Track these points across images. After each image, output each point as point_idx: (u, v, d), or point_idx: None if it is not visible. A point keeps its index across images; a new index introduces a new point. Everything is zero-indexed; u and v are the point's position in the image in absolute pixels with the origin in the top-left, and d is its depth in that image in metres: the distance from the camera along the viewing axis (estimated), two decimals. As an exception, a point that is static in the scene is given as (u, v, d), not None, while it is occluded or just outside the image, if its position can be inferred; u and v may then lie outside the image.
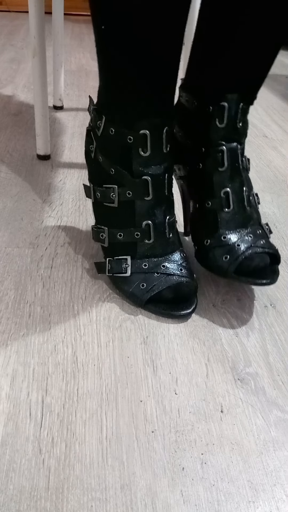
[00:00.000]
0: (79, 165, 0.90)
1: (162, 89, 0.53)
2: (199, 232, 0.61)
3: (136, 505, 0.39)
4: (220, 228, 0.58)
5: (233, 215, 0.58)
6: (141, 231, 0.56)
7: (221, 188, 0.58)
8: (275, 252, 0.58)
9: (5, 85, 1.29)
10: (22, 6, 2.11)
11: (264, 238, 0.59)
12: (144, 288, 0.56)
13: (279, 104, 1.36)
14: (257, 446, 0.44)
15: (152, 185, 0.55)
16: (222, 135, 0.57)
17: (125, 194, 0.56)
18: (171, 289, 0.56)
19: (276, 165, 1.00)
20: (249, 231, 0.58)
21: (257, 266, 0.57)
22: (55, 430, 0.44)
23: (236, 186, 0.58)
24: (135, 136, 0.53)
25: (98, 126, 0.56)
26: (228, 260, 0.56)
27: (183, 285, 0.57)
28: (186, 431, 0.45)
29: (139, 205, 0.56)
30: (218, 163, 0.58)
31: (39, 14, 0.77)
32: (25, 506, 0.38)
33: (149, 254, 0.57)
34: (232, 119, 0.56)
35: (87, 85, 1.35)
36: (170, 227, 0.58)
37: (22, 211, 0.75)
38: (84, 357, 0.51)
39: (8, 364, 0.49)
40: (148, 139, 0.53)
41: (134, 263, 0.57)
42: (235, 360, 0.53)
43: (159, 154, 0.55)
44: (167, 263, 0.57)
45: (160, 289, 0.56)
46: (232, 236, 0.57)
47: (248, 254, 0.56)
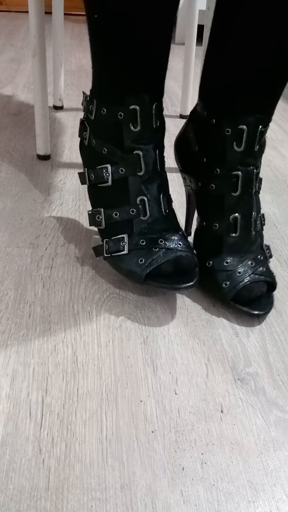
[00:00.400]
0: (79, 165, 0.90)
1: (151, 66, 0.54)
2: (203, 251, 0.61)
3: (136, 505, 0.39)
4: (223, 252, 0.59)
5: (238, 240, 0.58)
6: (136, 207, 0.56)
7: (231, 213, 0.58)
8: (272, 281, 0.59)
9: (5, 85, 1.29)
10: (22, 6, 2.11)
11: (264, 265, 0.59)
12: (143, 263, 0.56)
13: (279, 104, 1.35)
14: (257, 446, 0.44)
15: (144, 159, 0.55)
16: (239, 159, 0.56)
17: (118, 171, 0.56)
18: (170, 262, 0.56)
19: (276, 165, 1.00)
20: (250, 257, 0.59)
21: (254, 295, 0.58)
22: (55, 430, 0.44)
23: (245, 211, 0.58)
24: (125, 111, 0.54)
25: (91, 111, 0.57)
26: (228, 287, 0.57)
27: (183, 258, 0.56)
28: (186, 431, 0.45)
29: (132, 181, 0.56)
30: (231, 188, 0.58)
31: (39, 14, 0.78)
32: (25, 506, 0.38)
33: (146, 231, 0.57)
34: (250, 142, 0.56)
35: (87, 85, 1.35)
36: (166, 203, 0.58)
37: (22, 211, 0.75)
38: (84, 357, 0.51)
39: (8, 364, 0.49)
40: (138, 114, 0.54)
41: (131, 241, 0.57)
42: (235, 360, 0.53)
43: (149, 129, 0.55)
44: (165, 239, 0.56)
45: (160, 263, 0.55)
46: (234, 262, 0.58)
47: (247, 282, 0.57)
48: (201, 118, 0.60)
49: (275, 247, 0.72)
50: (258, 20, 0.50)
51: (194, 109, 0.62)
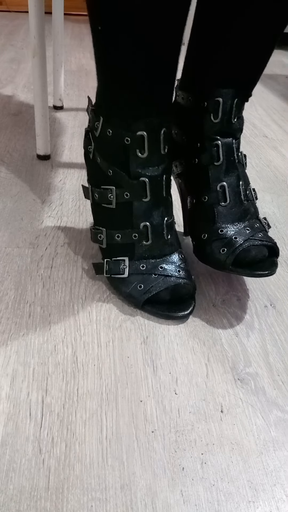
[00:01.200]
0: (79, 165, 0.90)
1: (160, 89, 0.52)
2: (197, 227, 0.61)
3: (136, 505, 0.39)
4: (217, 221, 0.58)
5: (230, 209, 0.58)
6: (138, 232, 0.56)
7: (217, 182, 0.58)
8: (273, 245, 0.58)
9: (5, 85, 1.29)
10: (22, 6, 2.11)
11: (262, 231, 0.58)
12: (142, 289, 0.56)
13: (279, 104, 1.36)
14: (257, 446, 0.44)
15: (150, 187, 0.55)
16: (217, 130, 0.57)
17: (123, 195, 0.56)
18: (168, 290, 0.56)
19: (276, 165, 1.00)
20: (246, 225, 0.58)
21: (254, 258, 0.57)
22: (55, 430, 0.44)
23: (232, 180, 0.58)
24: (132, 137, 0.53)
25: (96, 127, 0.56)
26: (226, 253, 0.56)
27: (181, 287, 0.57)
28: (186, 431, 0.45)
29: (136, 206, 0.56)
30: (214, 158, 0.58)
31: (39, 14, 0.77)
32: (25, 506, 0.38)
33: (146, 255, 0.57)
34: (227, 114, 0.56)
35: (87, 85, 1.35)
36: (168, 228, 0.58)
37: (22, 211, 0.75)
38: (84, 357, 0.51)
39: (8, 364, 0.49)
40: (146, 140, 0.53)
41: (132, 264, 0.57)
42: (235, 360, 0.53)
43: (156, 156, 0.54)
44: (165, 265, 0.57)
45: (158, 291, 0.56)
46: (229, 229, 0.57)
47: (245, 246, 0.56)
48: (181, 105, 0.61)
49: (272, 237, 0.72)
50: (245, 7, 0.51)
51: (174, 100, 0.62)
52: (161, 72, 0.51)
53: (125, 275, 0.57)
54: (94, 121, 0.56)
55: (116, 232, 0.58)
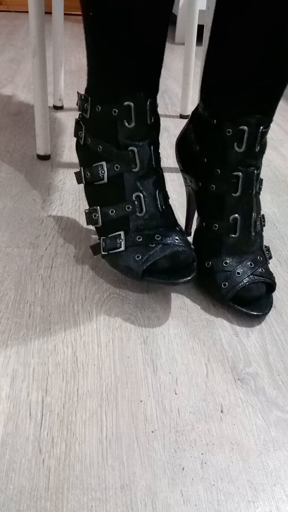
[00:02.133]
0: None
1: (145, 63, 0.54)
2: (202, 251, 0.61)
3: (136, 505, 0.39)
4: (222, 253, 0.59)
5: (238, 241, 0.58)
6: (132, 203, 0.56)
7: (231, 214, 0.58)
8: (272, 282, 0.59)
9: (5, 85, 1.29)
10: (22, 6, 2.11)
11: (264, 266, 0.59)
12: (140, 259, 0.55)
13: (279, 104, 1.36)
14: (257, 446, 0.44)
15: (139, 156, 0.56)
16: (239, 159, 0.56)
17: (113, 168, 0.57)
18: (167, 257, 0.55)
19: (276, 165, 1.00)
20: (250, 258, 0.58)
21: (253, 296, 0.58)
22: (55, 430, 0.44)
23: (245, 212, 0.58)
24: (119, 108, 0.54)
25: (86, 109, 0.58)
26: (227, 288, 0.57)
27: (180, 253, 0.56)
28: (186, 431, 0.45)
29: (127, 177, 0.56)
30: (232, 189, 0.58)
31: (39, 14, 0.77)
32: (25, 506, 0.38)
33: (142, 227, 0.57)
34: (251, 143, 0.55)
35: (87, 85, 1.35)
36: (162, 200, 0.58)
37: (22, 211, 0.75)
38: (84, 357, 0.51)
39: (8, 364, 0.49)
40: (132, 110, 0.54)
41: (128, 238, 0.57)
42: (235, 360, 0.53)
43: (143, 125, 0.55)
44: (162, 235, 0.56)
45: (156, 259, 0.55)
46: (233, 262, 0.58)
47: (246, 284, 0.57)
48: (202, 119, 0.60)
49: (275, 247, 0.72)
50: (259, 21, 0.50)
51: (196, 109, 0.62)
52: (146, 51, 0.53)
53: (121, 248, 0.57)
54: (84, 104, 0.58)
55: (110, 208, 0.58)
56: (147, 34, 0.52)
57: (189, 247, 0.57)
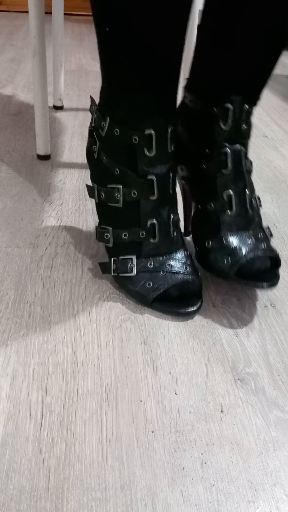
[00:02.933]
0: (79, 165, 0.91)
1: (165, 88, 0.53)
2: (201, 233, 0.61)
3: (136, 505, 0.39)
4: (221, 230, 0.58)
5: (235, 218, 0.58)
6: (146, 230, 0.56)
7: (224, 190, 0.58)
8: (275, 256, 0.59)
9: (5, 85, 1.29)
10: (22, 6, 2.11)
11: (265, 242, 0.59)
12: (150, 287, 0.56)
13: (279, 104, 1.36)
14: (257, 446, 0.44)
15: (158, 185, 0.55)
16: (226, 137, 0.57)
17: (130, 194, 0.56)
18: (176, 287, 0.57)
19: (276, 165, 1.00)
20: (250, 234, 0.58)
21: (258, 269, 0.57)
22: (55, 430, 0.44)
23: (239, 188, 0.58)
24: (140, 136, 0.53)
25: (102, 127, 0.56)
26: (230, 263, 0.57)
27: (189, 283, 0.57)
28: (186, 431, 0.45)
29: (144, 204, 0.56)
30: (222, 165, 0.58)
31: (39, 14, 0.77)
32: (25, 506, 0.38)
33: (154, 253, 0.57)
34: (236, 121, 0.56)
35: (87, 85, 1.35)
36: (174, 226, 0.58)
37: (22, 211, 0.75)
38: (84, 357, 0.51)
39: (8, 364, 0.49)
40: (154, 139, 0.53)
41: (139, 263, 0.57)
42: (235, 360, 0.53)
43: (164, 154, 0.55)
44: (172, 262, 0.57)
45: (166, 288, 0.56)
46: (234, 239, 0.58)
47: (249, 258, 0.56)
48: (189, 108, 0.60)
49: (275, 247, 0.72)
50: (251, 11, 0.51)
51: (181, 104, 0.62)
52: (165, 72, 0.51)
53: (133, 273, 0.57)
54: (100, 121, 0.56)
55: (123, 231, 0.58)
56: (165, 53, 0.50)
57: (197, 275, 0.58)
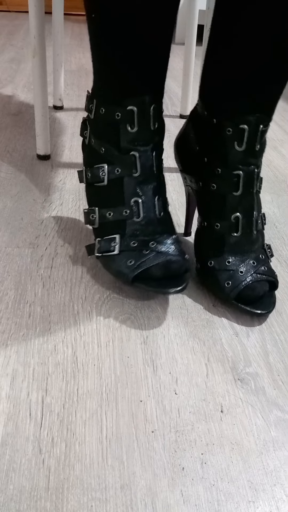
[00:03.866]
0: (79, 165, 0.90)
1: (150, 67, 0.54)
2: (204, 251, 0.61)
3: (136, 505, 0.39)
4: (225, 252, 0.59)
5: (240, 240, 0.58)
6: (129, 208, 0.56)
7: (233, 212, 0.58)
8: (274, 280, 0.59)
9: (5, 85, 1.29)
10: (22, 6, 2.11)
11: (266, 264, 0.59)
12: (132, 264, 0.55)
13: (279, 104, 1.36)
14: (257, 446, 0.44)
15: (140, 161, 0.55)
16: (240, 158, 0.56)
17: (114, 171, 0.56)
18: (159, 266, 0.55)
19: (276, 165, 1.00)
20: (252, 256, 0.59)
21: (257, 295, 0.58)
22: (55, 430, 0.44)
23: (247, 210, 0.58)
24: (122, 112, 0.54)
25: (91, 110, 0.57)
26: (230, 287, 0.57)
27: (172, 262, 0.55)
28: (186, 431, 0.45)
29: (127, 181, 0.56)
30: (233, 187, 0.58)
31: (39, 14, 0.78)
32: (25, 506, 0.38)
33: (138, 232, 0.57)
34: (251, 142, 0.56)
35: (87, 85, 1.35)
36: (160, 207, 0.58)
37: (22, 211, 0.75)
38: (84, 357, 0.51)
39: (8, 364, 0.49)
40: (135, 115, 0.54)
41: (123, 242, 0.57)
42: (235, 360, 0.53)
43: (146, 131, 0.55)
44: (157, 242, 0.56)
45: (149, 266, 0.55)
46: (236, 261, 0.58)
47: (249, 282, 0.57)
48: (202, 118, 0.60)
49: (275, 247, 0.72)
50: (260, 20, 0.50)
51: (194, 108, 0.62)
52: (150, 55, 0.52)
53: (115, 252, 0.57)
54: (89, 104, 0.58)
55: (107, 210, 0.58)
56: (151, 37, 0.51)
57: (183, 257, 0.57)
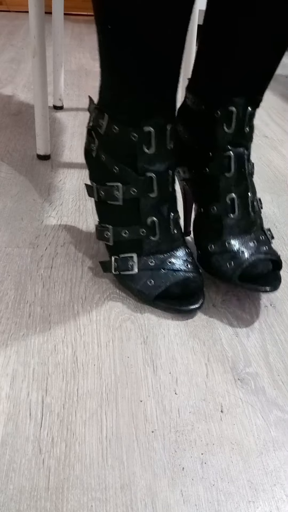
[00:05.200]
0: (79, 165, 0.90)
1: (165, 89, 0.53)
2: (203, 236, 0.61)
3: (136, 505, 0.39)
4: (224, 233, 0.58)
5: (238, 221, 0.58)
6: (146, 228, 0.56)
7: (227, 194, 0.58)
8: (277, 259, 0.59)
9: (5, 85, 1.29)
10: (22, 6, 2.11)
11: (267, 244, 0.59)
12: (152, 285, 0.56)
13: (279, 104, 1.36)
14: (257, 446, 0.44)
15: (157, 182, 0.55)
16: (229, 140, 0.57)
17: (130, 191, 0.56)
18: (178, 284, 0.57)
19: (276, 165, 1.00)
20: (252, 237, 0.58)
21: (260, 273, 0.58)
22: (55, 430, 0.44)
23: (241, 191, 0.58)
24: (139, 133, 0.53)
25: (101, 125, 0.56)
26: (233, 267, 0.57)
27: (190, 280, 0.57)
28: (186, 431, 0.45)
29: (143, 202, 0.56)
30: (225, 168, 0.58)
31: (39, 14, 0.77)
32: (25, 506, 0.38)
33: (154, 251, 0.57)
34: (239, 124, 0.56)
35: (87, 85, 1.35)
36: (174, 223, 0.58)
37: (22, 211, 0.75)
38: (84, 357, 0.51)
39: (8, 364, 0.49)
40: (153, 136, 0.53)
41: (140, 260, 0.57)
42: (235, 360, 0.53)
43: (163, 151, 0.55)
44: (173, 259, 0.57)
45: (168, 285, 0.56)
46: (236, 242, 0.58)
47: (252, 261, 0.57)
48: (190, 109, 0.60)
49: (275, 247, 0.72)
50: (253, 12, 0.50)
51: (182, 104, 0.62)
52: (165, 72, 0.51)
53: (134, 271, 0.57)
54: (98, 118, 0.56)
55: (123, 229, 0.58)
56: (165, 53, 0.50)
57: (199, 273, 0.58)
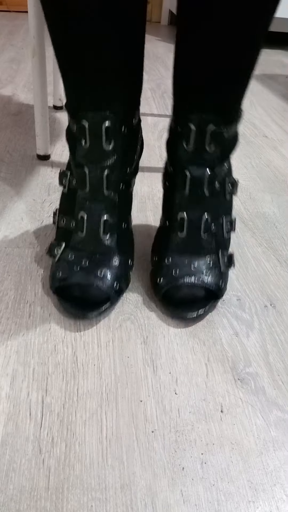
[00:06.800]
0: (79, 165, 0.90)
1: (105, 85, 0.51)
2: (155, 245, 0.63)
3: (136, 505, 0.39)
4: (168, 249, 0.58)
5: (184, 240, 0.57)
6: (76, 222, 0.57)
7: (179, 212, 0.57)
8: (212, 289, 0.57)
9: (5, 85, 1.29)
10: (22, 6, 2.11)
11: (212, 272, 0.57)
12: (59, 276, 0.56)
13: (279, 104, 1.36)
14: (257, 446, 0.44)
15: (89, 179, 0.55)
16: (188, 158, 0.54)
17: (72, 182, 0.58)
18: (80, 287, 0.55)
19: (276, 165, 1.00)
20: (197, 260, 0.57)
21: (182, 298, 0.56)
22: (55, 430, 0.44)
23: (195, 211, 0.56)
24: (77, 126, 0.53)
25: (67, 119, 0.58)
26: (160, 284, 0.57)
27: (93, 289, 0.55)
28: (186, 431, 0.45)
29: (79, 194, 0.57)
30: (181, 186, 0.56)
31: (38, 14, 0.78)
32: (25, 506, 0.38)
33: (79, 247, 0.57)
34: (199, 142, 0.53)
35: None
36: (106, 228, 0.56)
37: (22, 211, 0.75)
38: (84, 357, 0.51)
39: (8, 364, 0.49)
40: (87, 131, 0.52)
41: (64, 251, 0.57)
42: (235, 360, 0.53)
43: (98, 149, 0.53)
44: (91, 263, 0.56)
45: (70, 283, 0.55)
46: (177, 261, 0.57)
47: (180, 283, 0.56)
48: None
49: (275, 247, 0.72)
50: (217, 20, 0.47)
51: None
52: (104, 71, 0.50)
53: (55, 259, 0.58)
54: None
55: (63, 216, 0.59)
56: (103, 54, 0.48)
57: (110, 286, 0.55)
